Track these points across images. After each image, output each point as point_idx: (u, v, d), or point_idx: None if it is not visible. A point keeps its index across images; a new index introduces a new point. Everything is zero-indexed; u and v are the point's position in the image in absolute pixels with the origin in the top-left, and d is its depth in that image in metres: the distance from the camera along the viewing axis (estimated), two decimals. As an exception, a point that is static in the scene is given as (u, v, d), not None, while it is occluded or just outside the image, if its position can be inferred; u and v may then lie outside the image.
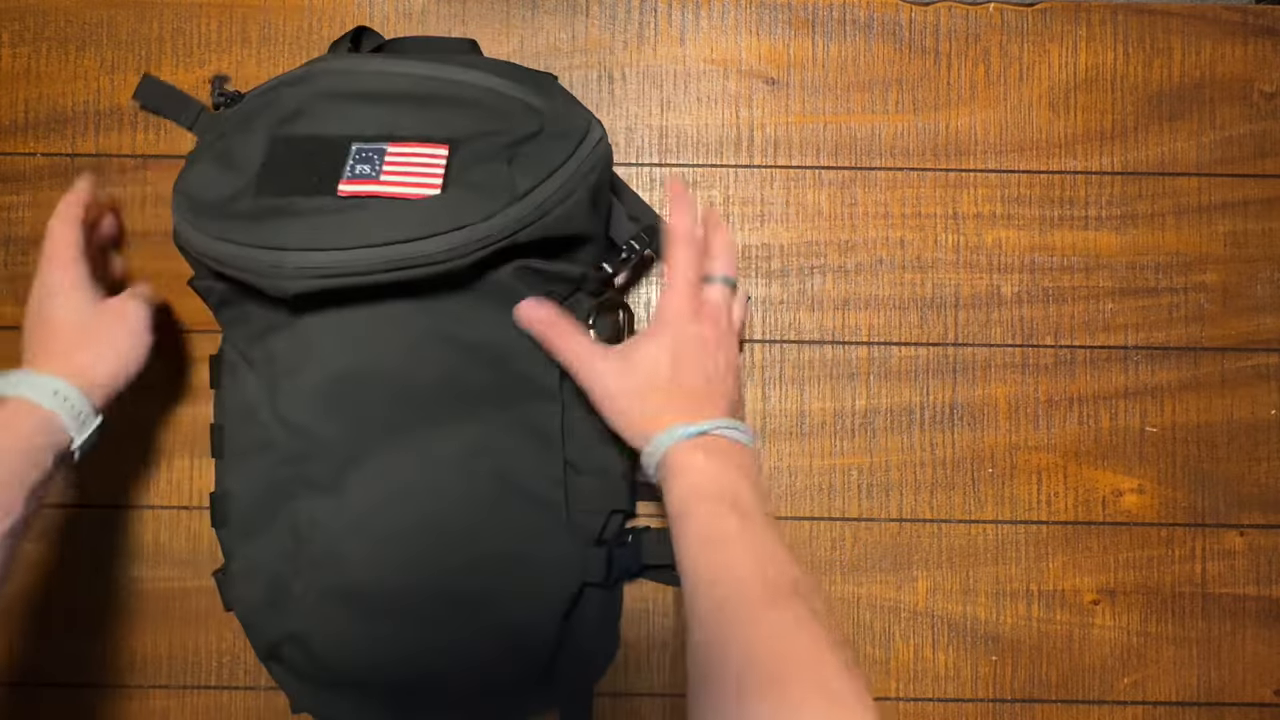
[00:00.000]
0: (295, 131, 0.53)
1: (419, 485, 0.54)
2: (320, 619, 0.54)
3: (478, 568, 0.55)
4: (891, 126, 0.67)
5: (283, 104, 0.54)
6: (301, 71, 0.55)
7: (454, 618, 0.55)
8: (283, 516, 0.55)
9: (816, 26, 0.68)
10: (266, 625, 0.56)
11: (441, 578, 0.54)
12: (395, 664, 0.55)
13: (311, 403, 0.53)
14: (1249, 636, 0.66)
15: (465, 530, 0.54)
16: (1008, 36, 0.68)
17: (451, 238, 0.49)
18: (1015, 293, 0.67)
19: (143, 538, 0.65)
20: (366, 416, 0.53)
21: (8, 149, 0.66)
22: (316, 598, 0.54)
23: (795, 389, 0.66)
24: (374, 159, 0.51)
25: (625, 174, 0.67)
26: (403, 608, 0.54)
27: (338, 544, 0.53)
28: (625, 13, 0.67)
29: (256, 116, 0.54)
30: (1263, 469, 0.66)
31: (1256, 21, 0.68)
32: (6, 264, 0.66)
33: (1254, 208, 0.67)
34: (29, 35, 0.66)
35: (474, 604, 0.55)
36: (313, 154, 0.52)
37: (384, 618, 0.54)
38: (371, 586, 0.54)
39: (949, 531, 0.66)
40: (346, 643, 0.54)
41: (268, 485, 0.55)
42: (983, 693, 0.65)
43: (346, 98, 0.54)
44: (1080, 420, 0.66)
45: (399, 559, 0.54)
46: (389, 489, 0.53)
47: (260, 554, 0.56)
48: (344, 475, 0.53)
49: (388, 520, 0.53)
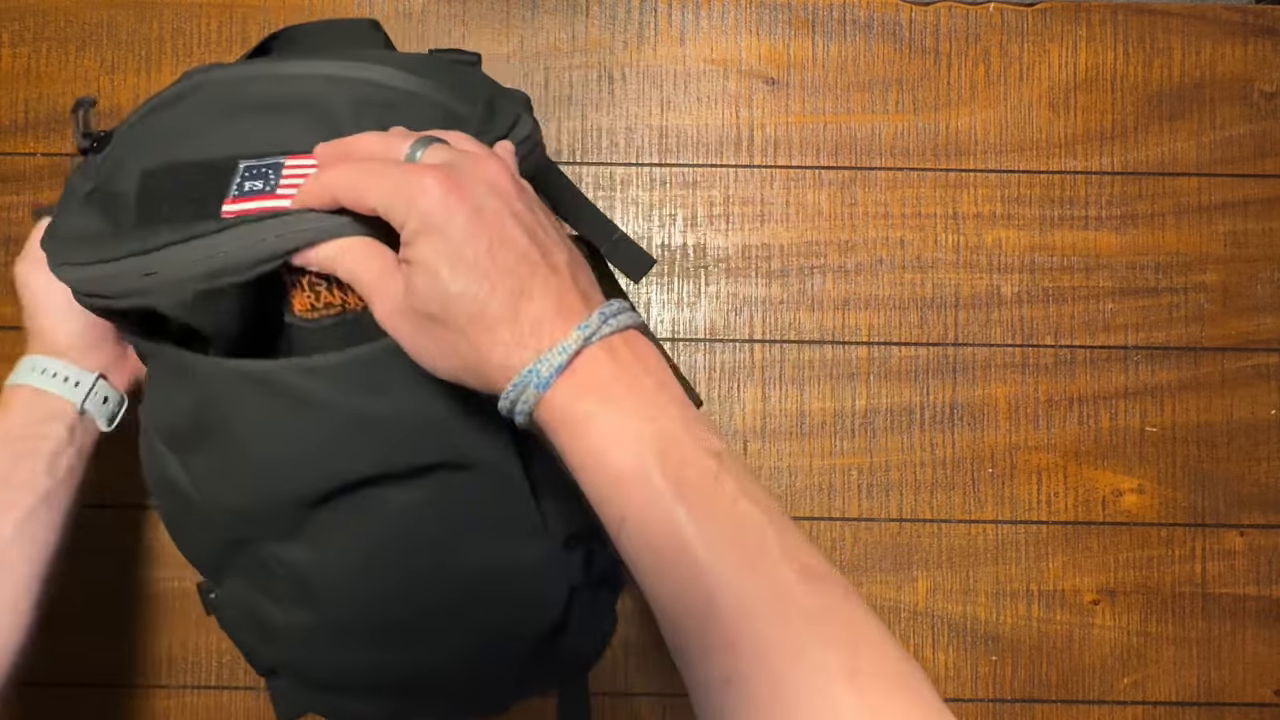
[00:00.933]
0: (175, 159, 0.45)
1: (383, 529, 0.49)
2: (310, 648, 0.52)
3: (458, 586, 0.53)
4: (891, 126, 0.67)
5: (158, 132, 0.47)
6: (179, 88, 0.48)
7: (443, 633, 0.53)
8: (248, 559, 0.51)
9: (816, 26, 0.68)
10: (260, 653, 0.55)
11: (425, 602, 0.52)
12: (391, 678, 0.54)
13: (237, 486, 0.48)
14: (1249, 636, 0.66)
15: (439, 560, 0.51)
16: (1008, 36, 0.68)
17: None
18: (1015, 293, 0.67)
19: (143, 538, 0.65)
20: (303, 490, 0.48)
21: (8, 149, 0.66)
22: (302, 629, 0.52)
23: (795, 389, 0.66)
24: (268, 175, 0.43)
25: (625, 174, 0.67)
26: (388, 631, 0.52)
27: (311, 580, 0.50)
28: (625, 13, 0.67)
29: (126, 147, 0.47)
30: (1263, 469, 0.66)
31: (1256, 21, 0.68)
32: (6, 264, 0.66)
33: (1254, 208, 0.67)
34: (29, 35, 0.66)
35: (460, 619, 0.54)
36: (193, 181, 0.44)
37: (371, 641, 0.52)
38: (353, 617, 0.51)
39: (949, 531, 0.66)
40: (340, 667, 0.53)
41: (222, 544, 0.51)
42: (983, 693, 0.65)
43: (233, 111, 0.46)
44: (1080, 420, 0.66)
45: (375, 593, 0.51)
46: (352, 537, 0.49)
47: (238, 590, 0.54)
48: (299, 530, 0.49)
49: (357, 560, 0.50)
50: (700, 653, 0.32)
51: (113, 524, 0.65)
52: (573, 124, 0.67)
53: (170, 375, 0.47)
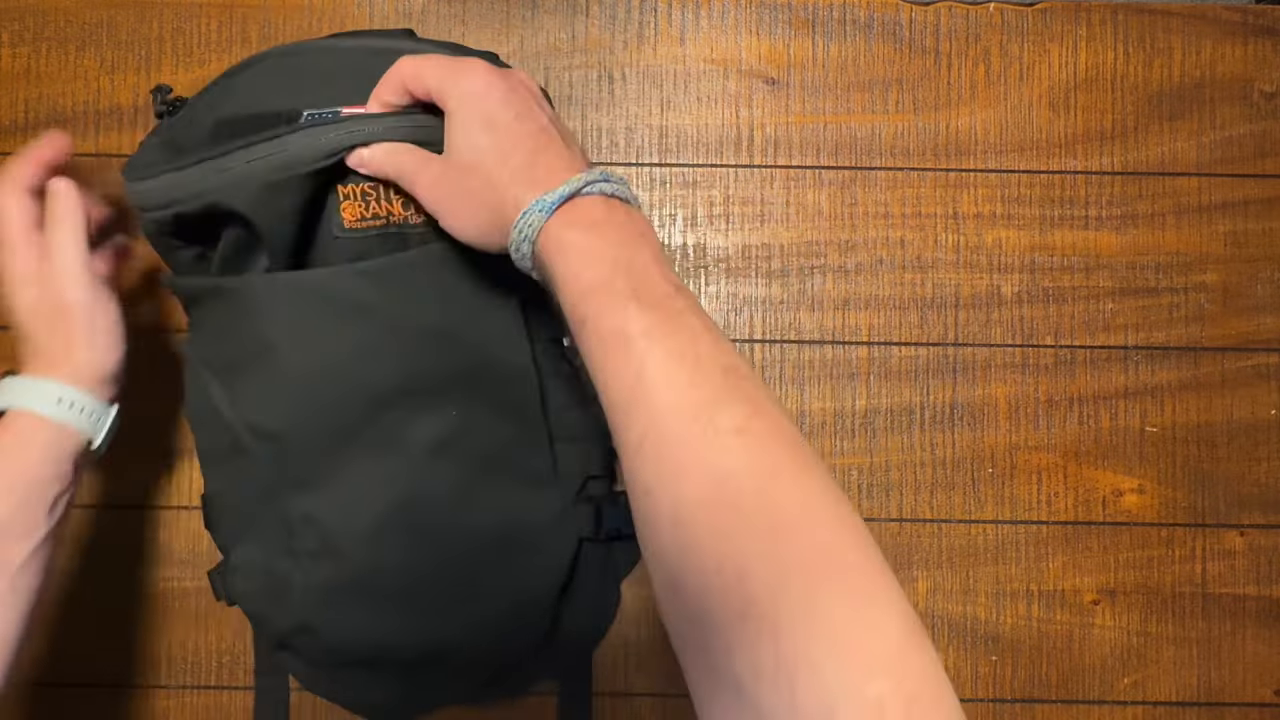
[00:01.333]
0: (245, 111, 0.52)
1: (401, 471, 0.53)
2: (326, 609, 0.54)
3: (474, 539, 0.55)
4: (891, 126, 0.67)
5: (225, 95, 0.53)
6: (244, 64, 0.54)
7: (457, 591, 0.55)
8: (272, 515, 0.55)
9: (816, 26, 0.68)
10: (274, 619, 0.56)
11: (439, 554, 0.54)
12: (404, 642, 0.55)
13: (275, 405, 0.52)
14: (1249, 636, 0.66)
15: (455, 507, 0.55)
16: (1008, 36, 0.68)
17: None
18: (1015, 293, 0.67)
19: (143, 538, 0.65)
20: (333, 413, 0.52)
21: (8, 149, 0.66)
22: (320, 590, 0.54)
23: (795, 389, 0.66)
24: (328, 119, 0.50)
25: (625, 174, 0.67)
26: (405, 589, 0.54)
27: (332, 537, 0.53)
28: (625, 13, 0.67)
29: (199, 108, 0.53)
30: (1263, 469, 0.66)
31: (1256, 21, 0.68)
32: (6, 264, 0.66)
33: (1254, 208, 0.67)
34: (29, 35, 0.66)
35: (474, 574, 0.55)
36: (262, 122, 0.50)
37: (388, 601, 0.54)
38: (372, 573, 0.54)
39: (949, 531, 0.66)
40: (354, 628, 0.55)
41: (251, 488, 0.55)
42: (983, 693, 0.65)
43: (293, 76, 0.52)
44: (1080, 420, 0.66)
45: (394, 543, 0.54)
46: (372, 478, 0.53)
47: (256, 553, 0.56)
48: (324, 470, 0.53)
49: (377, 507, 0.53)
50: (624, 418, 0.36)
51: (113, 524, 0.65)
52: (573, 124, 0.67)
53: (221, 305, 0.53)
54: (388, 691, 0.58)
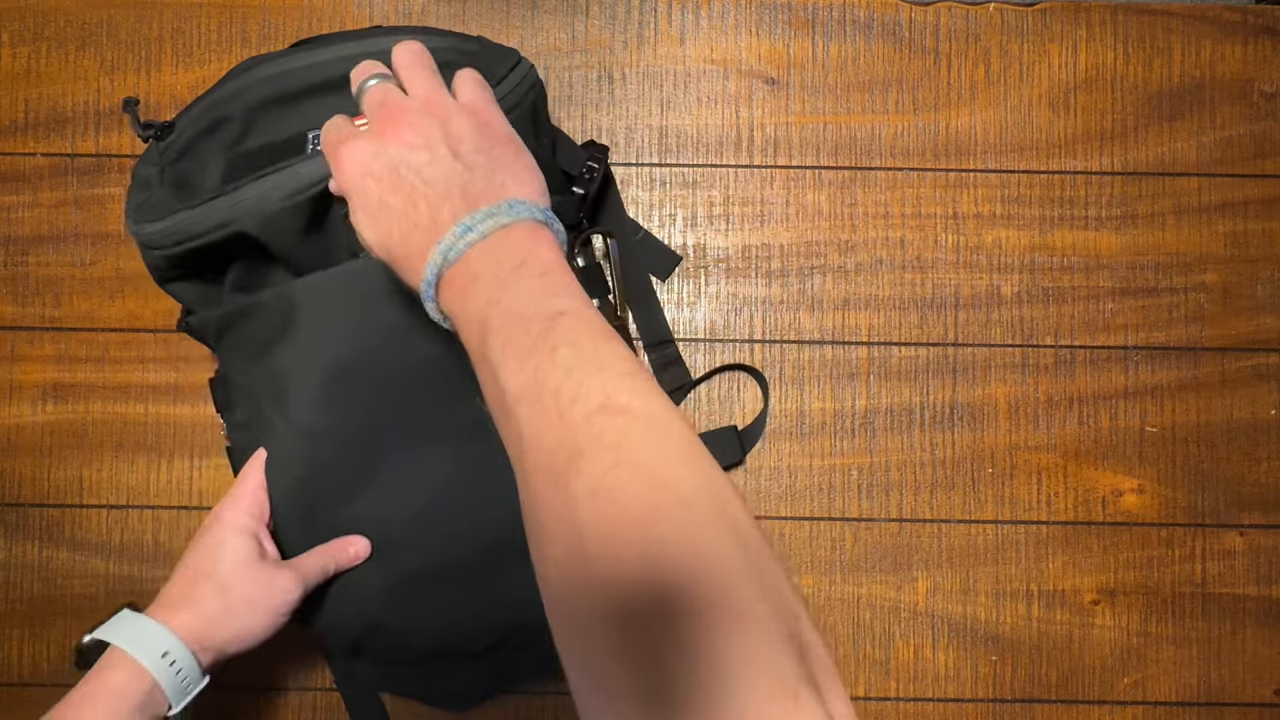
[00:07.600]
0: (248, 146, 0.54)
1: (443, 458, 0.55)
2: (391, 604, 0.56)
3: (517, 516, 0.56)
4: (891, 126, 0.67)
5: (225, 126, 0.55)
6: (230, 89, 0.55)
7: (511, 563, 0.55)
8: (327, 525, 0.55)
9: (816, 26, 0.68)
10: (346, 624, 0.57)
11: (489, 534, 0.55)
12: (469, 622, 0.56)
13: (319, 402, 0.54)
14: (1249, 636, 0.66)
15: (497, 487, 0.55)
16: (1008, 36, 0.68)
17: None
18: (1015, 293, 0.67)
19: (143, 538, 0.65)
20: (373, 405, 0.54)
21: (8, 149, 0.66)
22: (383, 587, 0.55)
23: (795, 389, 0.66)
24: None
25: (625, 174, 0.67)
26: (462, 564, 0.56)
27: (386, 532, 0.55)
28: (625, 13, 0.67)
29: (201, 142, 0.55)
30: (1263, 469, 0.66)
31: (1256, 21, 0.68)
32: (6, 264, 0.66)
33: (1254, 208, 0.67)
34: (29, 35, 0.66)
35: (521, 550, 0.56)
36: (272, 157, 0.52)
37: (446, 586, 0.56)
38: (429, 562, 0.55)
39: (949, 531, 0.66)
40: (418, 615, 0.56)
41: (302, 501, 0.55)
42: (983, 693, 0.65)
43: (287, 99, 0.54)
44: (1080, 420, 0.66)
45: (447, 530, 0.55)
46: (417, 468, 0.55)
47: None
48: (371, 468, 0.55)
49: (426, 498, 0.55)
50: (519, 473, 0.37)
51: (113, 524, 0.65)
52: (573, 124, 0.67)
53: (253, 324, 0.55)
54: (464, 676, 0.59)
